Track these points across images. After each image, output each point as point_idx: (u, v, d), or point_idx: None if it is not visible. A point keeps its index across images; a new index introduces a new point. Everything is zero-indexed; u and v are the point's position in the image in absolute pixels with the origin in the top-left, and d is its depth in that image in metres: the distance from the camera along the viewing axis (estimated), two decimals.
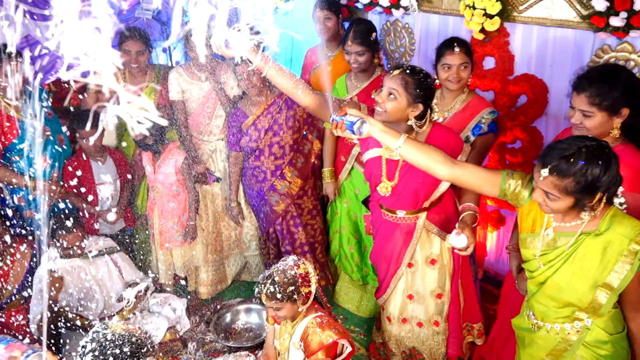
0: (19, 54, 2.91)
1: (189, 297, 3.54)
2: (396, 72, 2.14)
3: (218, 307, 3.50)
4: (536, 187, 1.69)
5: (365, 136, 1.89)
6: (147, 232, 3.56)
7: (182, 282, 3.65)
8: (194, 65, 3.23)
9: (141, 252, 3.66)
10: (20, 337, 2.91)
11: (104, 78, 0.90)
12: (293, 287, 2.20)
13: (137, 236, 3.63)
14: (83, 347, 1.84)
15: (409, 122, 2.19)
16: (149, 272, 3.39)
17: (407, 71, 2.13)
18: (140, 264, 3.45)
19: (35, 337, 2.90)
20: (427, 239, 2.47)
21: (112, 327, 1.86)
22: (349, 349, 2.33)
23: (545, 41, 2.83)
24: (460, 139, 2.33)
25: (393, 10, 3.34)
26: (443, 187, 2.33)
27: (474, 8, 2.85)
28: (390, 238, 2.49)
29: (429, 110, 2.22)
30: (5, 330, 2.84)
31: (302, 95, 2.16)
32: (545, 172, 1.62)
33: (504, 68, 3.00)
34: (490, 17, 2.83)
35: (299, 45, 4.06)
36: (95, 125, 3.12)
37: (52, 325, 2.87)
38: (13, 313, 2.97)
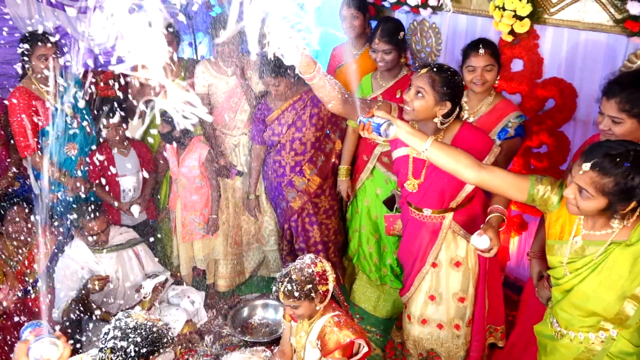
0: (56, 42, 2.97)
1: (207, 290, 3.57)
2: (423, 70, 2.14)
3: (235, 301, 3.53)
4: (570, 182, 1.64)
5: (391, 138, 1.89)
6: (169, 225, 3.59)
7: (201, 275, 3.68)
8: (220, 59, 3.24)
9: (162, 245, 3.69)
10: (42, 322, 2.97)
11: (153, 72, 0.90)
12: (310, 285, 2.20)
13: (158, 228, 3.66)
14: (106, 333, 1.87)
15: (435, 120, 2.18)
16: (169, 264, 3.42)
17: (434, 69, 2.13)
18: (160, 256, 3.48)
19: (59, 324, 2.95)
20: (453, 240, 2.46)
21: (135, 316, 1.89)
22: (365, 348, 2.33)
23: (576, 44, 2.78)
24: (489, 139, 2.30)
25: (421, 9, 3.30)
26: (468, 188, 2.32)
27: (504, 9, 2.80)
28: (417, 236, 2.49)
29: (457, 108, 2.20)
30: (30, 315, 2.90)
31: (332, 107, 2.17)
32: (587, 166, 1.57)
33: (533, 71, 2.95)
34: (520, 18, 2.78)
35: (323, 43, 4.05)
36: (125, 117, 3.20)
37: (75, 314, 2.92)
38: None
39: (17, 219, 2.86)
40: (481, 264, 2.47)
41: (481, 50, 2.50)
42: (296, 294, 2.19)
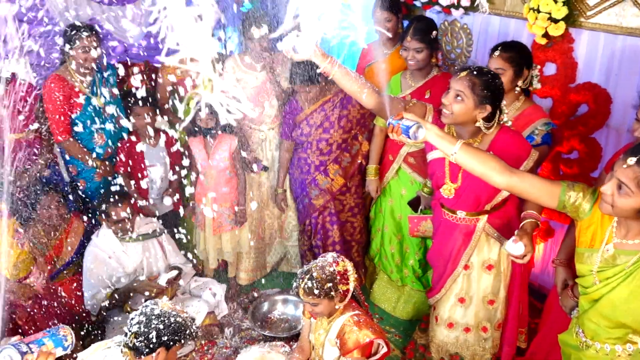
0: (97, 34, 3.03)
1: (228, 283, 3.61)
2: (463, 73, 2.10)
3: (256, 295, 3.56)
4: (610, 178, 1.60)
5: (420, 141, 1.88)
6: (193, 217, 3.62)
7: (222, 267, 3.71)
8: (250, 54, 3.26)
9: (185, 237, 3.74)
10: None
11: (201, 65, 0.91)
12: (331, 284, 2.20)
13: (181, 220, 3.70)
14: (132, 318, 1.93)
15: (477, 124, 2.15)
16: (191, 256, 3.46)
17: (475, 72, 2.09)
18: (183, 248, 3.52)
19: (92, 314, 3.03)
20: (486, 243, 2.43)
21: (161, 305, 1.94)
22: (385, 349, 2.32)
23: (613, 49, 2.71)
24: (527, 143, 2.26)
25: (452, 10, 3.27)
26: (505, 192, 2.29)
27: (539, 11, 2.75)
28: (449, 238, 2.47)
29: (498, 112, 2.17)
30: (57, 299, 2.97)
31: (366, 98, 2.16)
32: (632, 160, 1.53)
33: (566, 75, 2.89)
34: (555, 21, 2.73)
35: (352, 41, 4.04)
36: (154, 108, 3.25)
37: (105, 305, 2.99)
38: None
39: (49, 206, 2.93)
40: (516, 267, 2.43)
41: (496, 52, 2.48)
42: (316, 291, 2.20)
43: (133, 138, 3.31)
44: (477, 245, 2.44)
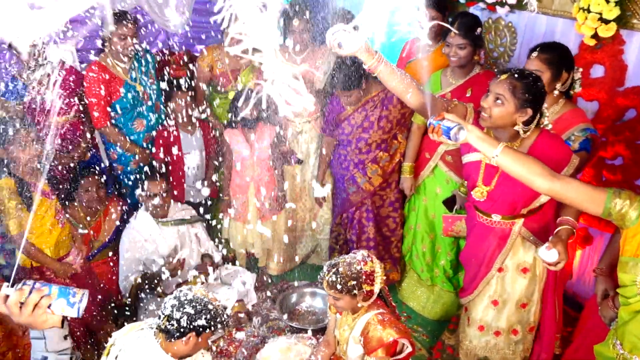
0: (134, 20, 3.09)
1: (258, 272, 3.64)
2: (503, 76, 2.05)
3: (285, 286, 3.59)
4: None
5: (461, 143, 1.85)
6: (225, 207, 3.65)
7: (252, 257, 3.75)
8: (292, 47, 3.27)
9: (217, 225, 3.79)
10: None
11: (265, 56, 0.92)
12: (355, 282, 2.19)
13: (215, 209, 3.75)
14: (166, 302, 1.97)
15: (516, 128, 2.10)
16: (224, 245, 3.51)
17: (516, 75, 2.04)
18: (215, 237, 3.57)
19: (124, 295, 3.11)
20: (522, 246, 2.39)
21: (195, 291, 1.97)
22: (409, 348, 2.30)
23: None
24: (568, 149, 2.20)
25: (497, 7, 3.20)
26: (544, 197, 2.23)
27: (589, 11, 2.66)
28: (484, 241, 2.43)
29: (538, 115, 2.11)
30: (93, 278, 3.06)
31: (411, 97, 2.13)
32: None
33: (614, 78, 2.79)
34: (606, 22, 2.63)
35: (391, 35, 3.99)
36: (193, 97, 3.29)
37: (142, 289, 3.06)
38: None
39: (89, 188, 3.01)
40: (551, 270, 2.38)
41: (534, 54, 2.41)
42: (338, 286, 2.19)
43: (171, 125, 3.36)
44: (512, 249, 2.39)
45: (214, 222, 3.56)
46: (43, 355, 1.34)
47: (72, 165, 3.18)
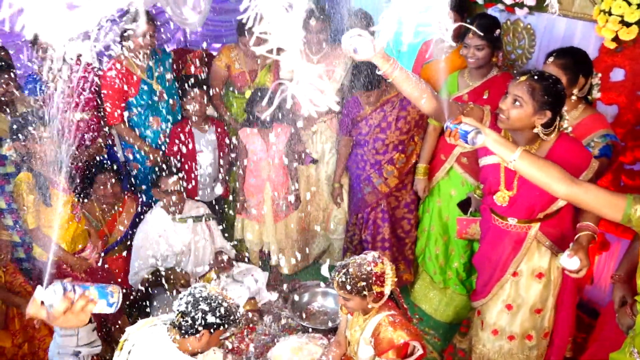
0: (152, 18, 3.11)
1: (270, 271, 3.65)
2: (523, 78, 2.02)
3: (297, 285, 3.59)
4: None
5: (478, 147, 1.83)
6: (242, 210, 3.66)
7: (265, 256, 3.76)
8: (308, 47, 3.27)
9: (229, 224, 3.80)
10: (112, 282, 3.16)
11: (290, 56, 0.92)
12: (365, 283, 2.18)
13: (227, 208, 3.76)
14: (180, 298, 1.98)
15: (535, 130, 2.08)
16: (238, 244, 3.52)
17: (535, 77, 2.01)
18: (228, 234, 3.59)
19: (133, 288, 3.13)
20: (537, 251, 2.36)
21: (210, 288, 1.98)
22: (420, 351, 2.28)
23: None
24: (588, 153, 2.17)
25: (516, 9, 3.16)
26: (562, 201, 2.21)
27: (610, 14, 2.62)
28: (498, 244, 2.41)
29: (557, 118, 2.09)
30: (108, 273, 3.09)
31: (425, 103, 2.12)
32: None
33: (634, 82, 2.75)
34: (628, 25, 2.59)
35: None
36: (208, 95, 3.31)
37: (148, 282, 3.08)
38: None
39: (105, 185, 3.04)
40: (566, 276, 2.35)
41: (550, 59, 2.38)
42: (348, 287, 2.19)
43: (185, 123, 3.37)
44: (527, 253, 2.37)
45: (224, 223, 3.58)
46: (75, 350, 1.36)
47: (88, 161, 3.22)
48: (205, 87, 3.29)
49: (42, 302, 1.30)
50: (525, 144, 2.13)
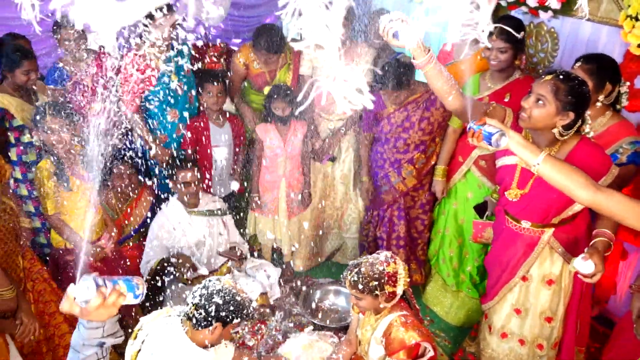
0: (171, 9, 3.11)
1: (283, 267, 3.66)
2: (548, 77, 2.00)
3: (309, 283, 3.59)
4: None
5: (502, 149, 1.81)
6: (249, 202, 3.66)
7: (278, 252, 3.77)
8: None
9: (243, 219, 3.82)
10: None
11: (326, 53, 0.92)
12: (376, 283, 2.17)
13: (242, 203, 3.77)
14: (195, 290, 1.99)
15: (553, 130, 2.05)
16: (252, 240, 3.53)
17: (560, 77, 1.99)
18: (241, 229, 3.60)
19: (145, 278, 3.15)
20: (549, 256, 2.34)
21: (224, 282, 1.99)
22: (431, 352, 2.27)
23: None
24: (608, 158, 2.14)
25: (540, 12, 3.12)
26: (577, 206, 2.18)
27: (637, 19, 2.58)
28: (510, 247, 2.39)
29: (580, 121, 2.06)
30: (123, 263, 3.11)
31: (452, 100, 2.11)
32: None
33: None
34: None
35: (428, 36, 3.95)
36: (225, 90, 3.32)
37: (160, 273, 3.10)
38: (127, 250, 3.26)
39: (122, 175, 3.07)
40: (577, 285, 2.32)
41: (577, 64, 2.36)
42: (360, 286, 2.18)
43: (202, 116, 3.39)
44: (538, 258, 2.34)
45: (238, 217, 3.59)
46: (100, 341, 1.39)
47: (107, 151, 3.24)
48: (223, 82, 3.29)
49: (74, 298, 1.32)
50: (546, 145, 2.11)
